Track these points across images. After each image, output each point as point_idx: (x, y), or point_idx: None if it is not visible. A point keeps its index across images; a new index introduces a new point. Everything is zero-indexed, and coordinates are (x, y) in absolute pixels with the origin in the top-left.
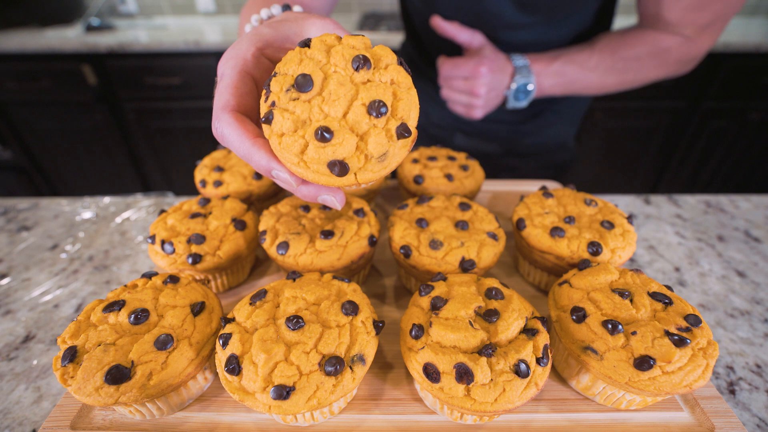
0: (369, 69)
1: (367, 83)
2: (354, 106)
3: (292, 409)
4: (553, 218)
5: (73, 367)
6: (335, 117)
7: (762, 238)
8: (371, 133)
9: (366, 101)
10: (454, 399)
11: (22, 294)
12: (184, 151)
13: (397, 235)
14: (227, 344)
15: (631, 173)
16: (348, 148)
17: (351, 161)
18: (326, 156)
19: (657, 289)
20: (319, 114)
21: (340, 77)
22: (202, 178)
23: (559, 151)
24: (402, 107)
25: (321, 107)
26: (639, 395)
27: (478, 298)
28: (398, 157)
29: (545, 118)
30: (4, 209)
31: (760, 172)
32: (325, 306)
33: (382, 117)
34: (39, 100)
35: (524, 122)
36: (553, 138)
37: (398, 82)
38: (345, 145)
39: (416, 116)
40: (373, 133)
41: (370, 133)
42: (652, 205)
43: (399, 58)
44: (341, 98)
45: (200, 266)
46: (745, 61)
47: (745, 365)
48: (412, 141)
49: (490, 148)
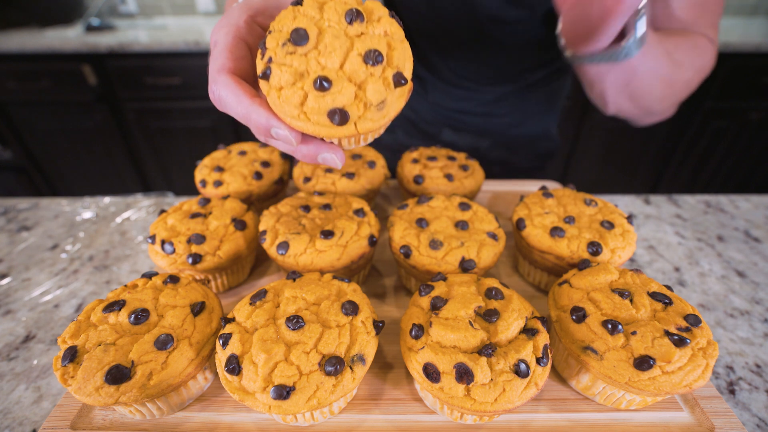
0: (362, 22)
1: (361, 36)
2: (350, 57)
3: (292, 409)
4: (553, 218)
5: (73, 367)
6: (333, 68)
7: (762, 238)
8: (369, 81)
9: (362, 51)
10: (454, 399)
11: (22, 294)
12: (184, 151)
13: (397, 235)
14: (227, 344)
15: (631, 173)
16: (347, 95)
17: (351, 109)
18: (326, 105)
19: (657, 289)
20: (317, 66)
21: (334, 30)
22: (202, 178)
23: (544, 141)
24: (397, 57)
25: (318, 60)
26: (639, 395)
27: (478, 298)
28: (396, 105)
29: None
30: (4, 209)
31: (760, 172)
32: (325, 306)
33: (379, 65)
34: (39, 100)
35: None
36: (537, 128)
37: (391, 33)
38: (344, 93)
39: (410, 67)
40: (371, 81)
41: (368, 81)
42: (652, 205)
43: (391, 11)
44: (337, 50)
45: (200, 266)
46: (745, 61)
47: (745, 365)
48: (408, 90)
49: (479, 143)
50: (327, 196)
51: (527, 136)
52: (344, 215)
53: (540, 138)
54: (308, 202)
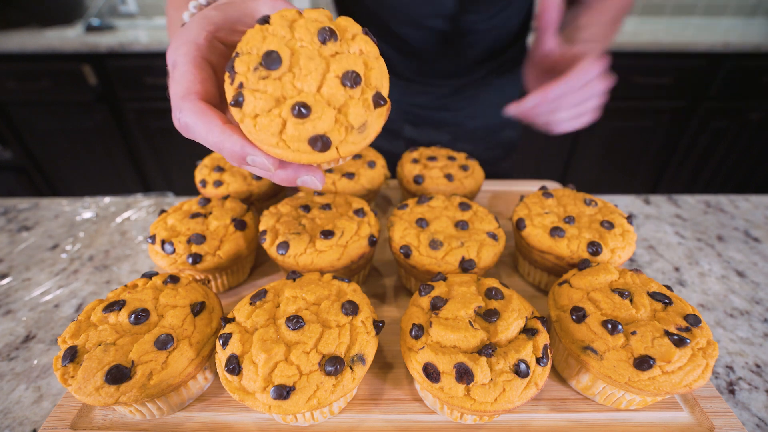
0: (336, 41)
1: (336, 55)
2: (327, 79)
3: (292, 409)
4: (553, 218)
5: (74, 367)
6: (310, 92)
7: (762, 238)
8: (349, 104)
9: (339, 73)
10: (454, 399)
11: (22, 294)
12: (184, 151)
13: (397, 235)
14: (227, 344)
15: (631, 173)
16: (327, 121)
17: (332, 135)
18: (306, 132)
19: (657, 289)
20: (293, 90)
21: (308, 51)
22: (202, 178)
23: (505, 130)
24: (374, 76)
25: (293, 83)
26: (639, 395)
27: (478, 298)
28: (376, 126)
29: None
30: (4, 209)
31: (760, 172)
32: (325, 306)
33: (357, 87)
34: (39, 100)
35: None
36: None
37: (366, 51)
38: (324, 118)
39: (387, 85)
40: (351, 104)
41: (348, 104)
42: (652, 205)
43: (364, 28)
44: (313, 72)
45: (200, 266)
46: (745, 61)
47: (745, 365)
48: (387, 110)
49: (439, 137)
50: (327, 196)
51: (486, 127)
52: (344, 215)
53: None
54: (308, 202)
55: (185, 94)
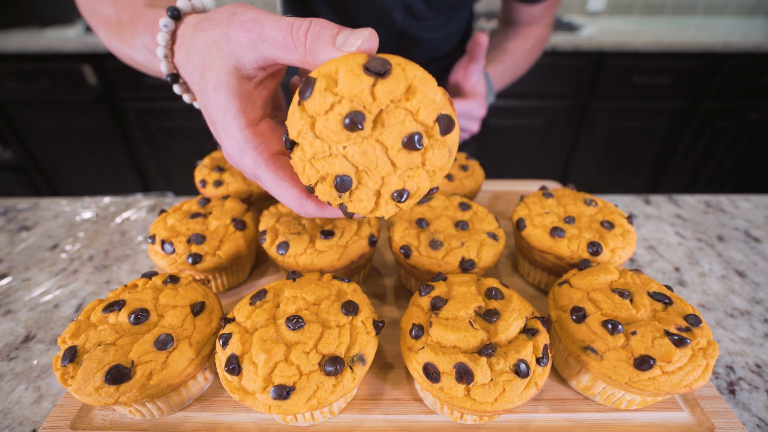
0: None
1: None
2: (396, 157)
3: (292, 409)
4: (553, 218)
5: (73, 367)
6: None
7: (762, 238)
8: (428, 154)
9: (398, 147)
10: (454, 399)
11: (22, 294)
12: (184, 151)
13: (397, 235)
14: (227, 344)
15: (631, 173)
16: (426, 184)
17: (434, 184)
18: (415, 200)
19: (657, 289)
20: (378, 181)
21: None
22: (202, 178)
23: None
24: (424, 109)
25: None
26: (639, 395)
27: (478, 298)
28: (456, 137)
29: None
30: (4, 209)
31: (760, 172)
32: (325, 306)
33: (424, 138)
34: (39, 100)
35: None
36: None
37: (400, 94)
38: (422, 185)
39: (435, 92)
40: (429, 154)
41: (427, 155)
42: (652, 205)
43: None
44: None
45: (200, 266)
46: (745, 61)
47: (745, 365)
48: (454, 112)
49: None
50: None
51: None
52: None
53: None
54: None
55: (296, 200)
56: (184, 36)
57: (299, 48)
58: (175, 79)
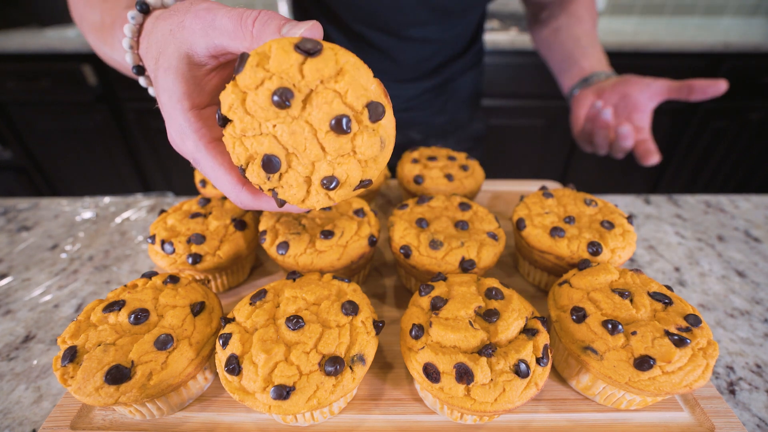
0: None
1: (306, 107)
2: (324, 140)
3: (292, 409)
4: (553, 218)
5: (73, 367)
6: (322, 157)
7: (762, 238)
8: (357, 141)
9: (326, 128)
10: (454, 399)
11: (22, 294)
12: None
13: (397, 235)
14: (227, 344)
15: (631, 173)
16: (355, 172)
17: (366, 175)
18: (346, 191)
19: (657, 289)
20: (309, 165)
21: (286, 127)
22: (202, 178)
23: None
24: (354, 91)
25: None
26: (639, 395)
27: (478, 298)
28: (389, 129)
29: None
30: (4, 209)
31: (760, 172)
32: (325, 306)
33: (353, 125)
34: (39, 100)
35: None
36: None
37: (328, 74)
38: (351, 172)
39: (370, 77)
40: (358, 140)
41: (356, 141)
42: (652, 205)
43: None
44: (307, 142)
45: (200, 266)
46: (745, 61)
47: (745, 365)
48: (389, 105)
49: (411, 134)
50: None
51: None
52: (344, 215)
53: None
54: None
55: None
56: (147, 27)
57: (246, 35)
58: (141, 71)
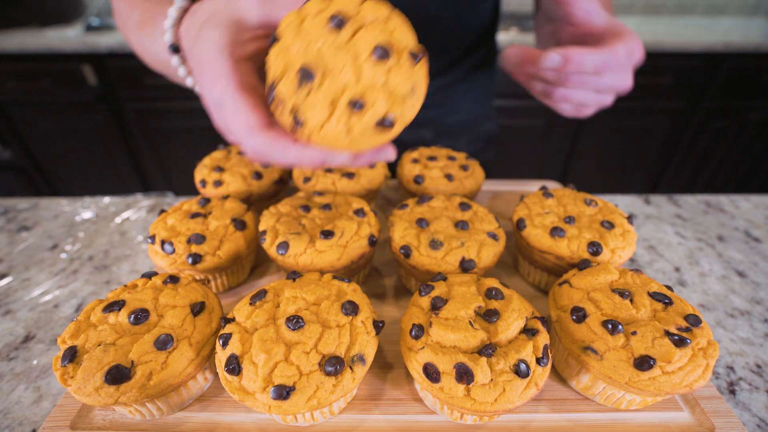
0: (346, 22)
1: (355, 35)
2: (362, 65)
3: (292, 409)
4: (553, 218)
5: (73, 367)
6: (353, 83)
7: (762, 238)
8: (391, 75)
9: (368, 53)
10: (454, 399)
11: (22, 294)
12: (184, 151)
13: (397, 235)
14: (227, 344)
15: (631, 173)
16: (383, 103)
17: (392, 111)
18: (370, 121)
19: (657, 289)
20: (339, 89)
21: (330, 48)
22: (202, 178)
23: (484, 123)
24: (399, 35)
25: (336, 83)
26: (639, 395)
27: (478, 298)
28: (423, 81)
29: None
30: (4, 209)
31: (760, 172)
32: (325, 306)
33: (392, 56)
34: (39, 100)
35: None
36: (474, 112)
37: (379, 14)
38: (379, 102)
39: (413, 34)
40: (393, 74)
41: (391, 75)
42: (652, 205)
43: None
44: (347, 65)
45: (200, 266)
46: (745, 61)
47: (745, 365)
48: (425, 60)
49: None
50: (327, 196)
51: (464, 122)
52: (344, 215)
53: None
54: (308, 202)
55: (249, 128)
56: (193, 8)
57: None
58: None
